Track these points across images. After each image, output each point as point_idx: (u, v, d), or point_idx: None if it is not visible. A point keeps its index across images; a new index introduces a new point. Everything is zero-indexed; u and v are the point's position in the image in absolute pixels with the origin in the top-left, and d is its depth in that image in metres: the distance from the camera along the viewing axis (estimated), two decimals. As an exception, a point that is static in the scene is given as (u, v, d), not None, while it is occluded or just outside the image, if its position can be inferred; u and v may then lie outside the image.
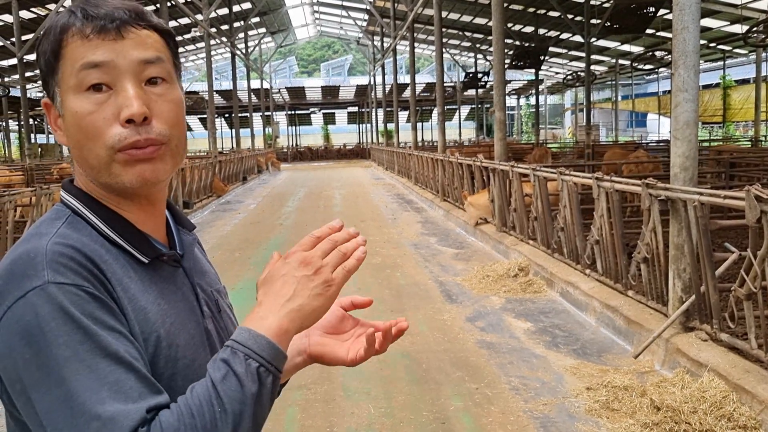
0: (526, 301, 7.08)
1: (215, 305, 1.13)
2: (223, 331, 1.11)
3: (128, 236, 1.00)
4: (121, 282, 0.94)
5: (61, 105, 0.99)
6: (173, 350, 0.96)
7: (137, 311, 0.94)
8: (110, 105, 0.96)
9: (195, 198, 16.97)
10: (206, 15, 22.15)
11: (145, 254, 1.01)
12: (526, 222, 9.18)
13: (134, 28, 0.98)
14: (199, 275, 1.13)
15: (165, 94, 1.00)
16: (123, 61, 0.97)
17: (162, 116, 0.99)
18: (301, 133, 56.89)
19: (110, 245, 0.98)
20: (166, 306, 0.99)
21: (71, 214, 1.00)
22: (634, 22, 18.88)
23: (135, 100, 0.95)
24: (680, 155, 5.00)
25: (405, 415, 4.38)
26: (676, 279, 5.16)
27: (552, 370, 5.07)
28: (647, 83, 47.26)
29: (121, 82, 0.96)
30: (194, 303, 1.07)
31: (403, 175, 23.48)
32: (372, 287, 7.90)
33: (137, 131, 0.96)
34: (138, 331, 0.93)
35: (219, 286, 1.19)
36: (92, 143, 0.97)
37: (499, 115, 11.03)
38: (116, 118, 0.96)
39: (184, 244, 1.13)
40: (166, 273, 1.04)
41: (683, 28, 4.86)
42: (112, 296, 0.91)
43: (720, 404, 4.00)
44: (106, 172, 0.98)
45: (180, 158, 1.04)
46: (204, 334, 1.05)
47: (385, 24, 30.41)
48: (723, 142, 26.70)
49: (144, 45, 0.99)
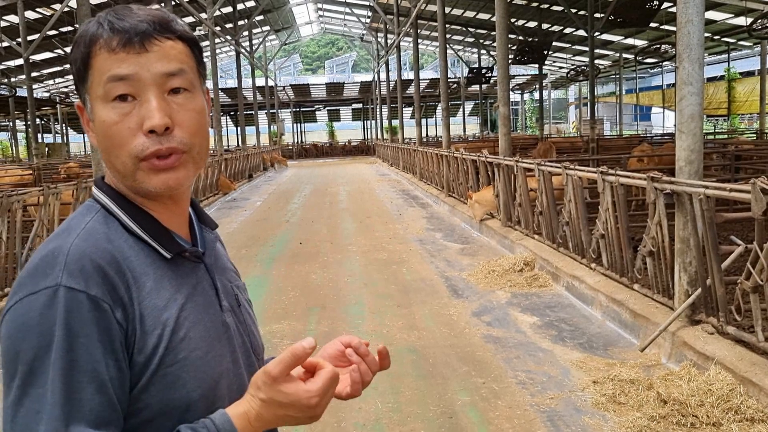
0: (531, 296, 7.09)
1: (235, 300, 1.19)
2: (242, 325, 1.17)
3: (153, 232, 1.06)
4: (137, 279, 1.00)
5: (91, 111, 1.05)
6: (186, 342, 1.01)
7: (149, 308, 0.99)
8: (134, 115, 1.01)
9: (201, 196, 17.01)
10: (210, 13, 22.16)
11: (168, 250, 1.06)
12: (531, 217, 9.18)
13: (158, 40, 1.02)
14: (219, 271, 1.19)
15: (187, 103, 1.05)
16: (147, 74, 1.01)
17: (184, 125, 1.04)
18: (306, 131, 56.92)
19: (135, 240, 1.04)
20: (183, 300, 1.05)
21: (101, 209, 1.06)
22: (637, 16, 18.85)
23: (157, 112, 1.00)
24: (685, 148, 5.00)
25: (412, 409, 4.40)
26: (682, 272, 5.16)
27: (558, 364, 5.09)
28: (651, 77, 47.13)
29: (145, 93, 1.01)
30: (213, 297, 1.12)
31: (407, 171, 23.47)
32: (378, 283, 7.92)
33: (159, 141, 1.01)
34: (145, 328, 0.98)
35: (239, 282, 1.26)
36: (118, 150, 1.02)
37: (503, 110, 11.02)
38: (140, 128, 1.01)
39: (206, 241, 1.20)
40: (187, 268, 1.10)
41: (687, 21, 4.85)
42: (122, 301, 0.97)
43: (727, 397, 4.00)
44: (131, 178, 1.04)
45: (202, 163, 1.10)
46: (222, 327, 1.11)
47: (389, 20, 30.37)
48: (728, 136, 26.61)
49: (167, 57, 1.03)
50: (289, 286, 7.99)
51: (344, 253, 9.93)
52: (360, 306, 6.99)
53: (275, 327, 6.31)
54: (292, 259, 9.69)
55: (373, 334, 6.00)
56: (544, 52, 26.76)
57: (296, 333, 6.11)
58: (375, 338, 5.86)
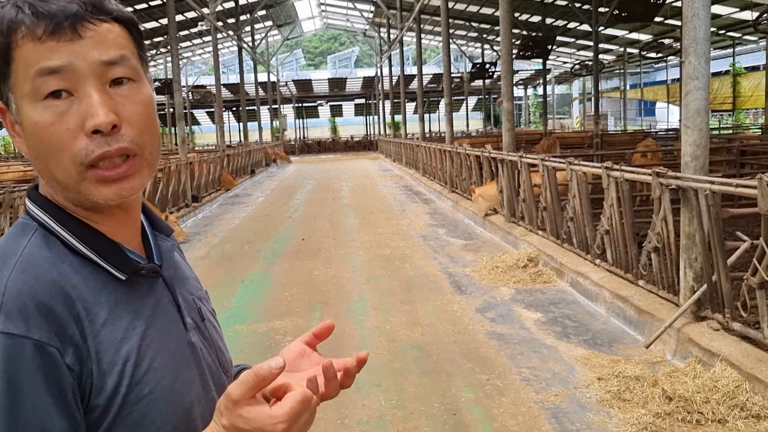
0: (535, 292, 7.06)
1: (198, 314, 1.04)
2: (208, 341, 1.03)
3: (103, 251, 0.90)
4: (90, 310, 0.86)
5: (17, 112, 0.88)
6: (151, 374, 0.88)
7: (106, 342, 0.86)
8: (73, 114, 0.85)
9: (204, 192, 17.01)
10: (213, 8, 22.13)
11: (122, 270, 0.91)
12: (535, 212, 9.15)
13: (92, 23, 0.87)
14: (179, 283, 1.03)
15: (132, 95, 0.90)
16: (83, 64, 0.85)
17: (132, 121, 0.89)
18: (308, 126, 56.94)
19: (82, 263, 0.89)
20: (143, 327, 0.90)
21: (38, 227, 0.90)
22: (642, 10, 18.75)
23: (100, 108, 0.85)
24: (691, 144, 4.96)
25: (416, 406, 4.38)
26: (688, 268, 5.13)
27: (563, 361, 5.06)
28: (656, 72, 46.95)
29: (83, 87, 0.86)
30: (176, 315, 0.98)
31: (410, 167, 23.44)
32: (381, 279, 7.90)
33: (106, 142, 0.86)
34: (103, 366, 0.85)
35: (201, 293, 1.10)
36: (58, 156, 0.86)
37: (506, 105, 10.98)
38: (81, 128, 0.85)
39: (162, 251, 1.02)
40: (145, 287, 0.94)
41: (693, 15, 4.81)
42: (72, 340, 0.82)
43: (733, 394, 3.98)
44: (74, 189, 0.88)
45: (155, 164, 0.94)
46: (188, 348, 0.97)
47: (392, 15, 30.31)
48: (733, 131, 26.53)
49: (105, 43, 0.87)
50: (291, 282, 7.97)
51: (347, 249, 9.91)
52: (363, 302, 6.97)
53: (278, 323, 6.29)
54: (294, 255, 9.68)
55: (376, 330, 5.98)
56: (548, 47, 26.64)
57: (299, 329, 6.09)
58: (378, 335, 5.85)
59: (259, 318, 6.53)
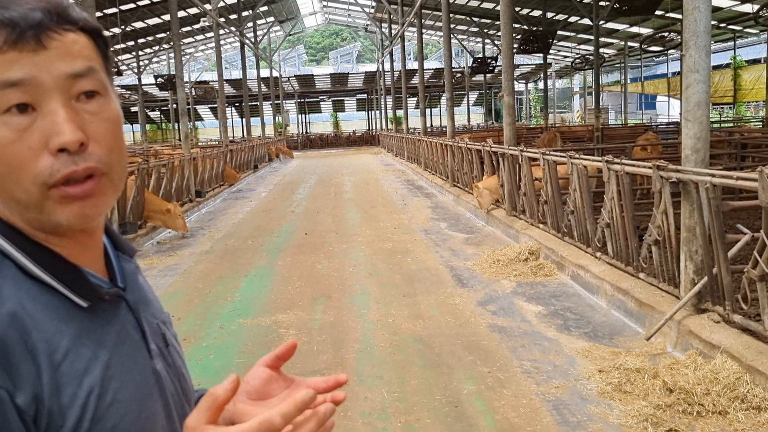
0: (537, 285, 7.08)
1: (162, 340, 0.97)
2: (172, 368, 0.96)
3: (63, 277, 0.83)
4: (50, 342, 0.78)
5: None
6: (115, 407, 0.82)
7: (67, 375, 0.78)
8: (36, 131, 0.78)
9: (207, 187, 17.05)
10: (215, 5, 22.13)
11: (84, 297, 0.83)
12: (536, 206, 9.17)
13: (57, 33, 0.80)
14: (144, 307, 0.96)
15: (101, 111, 0.83)
16: (47, 77, 0.79)
17: (99, 138, 0.82)
18: (310, 121, 56.97)
19: (40, 289, 0.81)
20: (107, 356, 0.83)
21: None
22: (643, 4, 18.73)
23: (67, 125, 0.78)
24: (692, 137, 4.97)
25: (418, 399, 4.42)
26: (688, 261, 5.15)
27: (564, 353, 5.09)
28: (656, 65, 46.90)
29: (47, 102, 0.79)
30: (140, 342, 0.91)
31: (412, 161, 23.45)
32: (383, 273, 7.93)
33: (73, 161, 0.79)
34: (63, 401, 0.77)
35: (164, 316, 1.02)
36: (17, 176, 0.79)
37: (507, 99, 10.99)
38: (44, 146, 0.78)
39: (125, 273, 0.95)
40: (108, 313, 0.87)
41: (694, 8, 4.82)
42: (26, 378, 0.75)
43: (733, 386, 4.00)
44: (36, 210, 0.81)
45: (121, 187, 0.87)
46: (153, 377, 0.90)
47: (393, 10, 30.29)
48: (734, 124, 26.50)
49: (71, 54, 0.81)
50: (294, 276, 8.00)
51: (349, 243, 9.94)
52: (365, 296, 7.00)
53: (281, 317, 6.32)
54: (297, 249, 9.71)
55: (378, 323, 6.02)
56: (549, 41, 26.61)
57: (302, 323, 6.13)
58: (380, 328, 5.88)
59: (262, 311, 6.57)
